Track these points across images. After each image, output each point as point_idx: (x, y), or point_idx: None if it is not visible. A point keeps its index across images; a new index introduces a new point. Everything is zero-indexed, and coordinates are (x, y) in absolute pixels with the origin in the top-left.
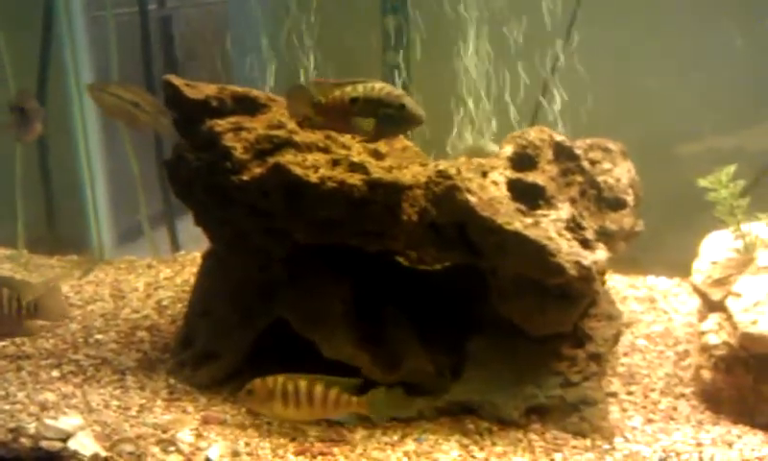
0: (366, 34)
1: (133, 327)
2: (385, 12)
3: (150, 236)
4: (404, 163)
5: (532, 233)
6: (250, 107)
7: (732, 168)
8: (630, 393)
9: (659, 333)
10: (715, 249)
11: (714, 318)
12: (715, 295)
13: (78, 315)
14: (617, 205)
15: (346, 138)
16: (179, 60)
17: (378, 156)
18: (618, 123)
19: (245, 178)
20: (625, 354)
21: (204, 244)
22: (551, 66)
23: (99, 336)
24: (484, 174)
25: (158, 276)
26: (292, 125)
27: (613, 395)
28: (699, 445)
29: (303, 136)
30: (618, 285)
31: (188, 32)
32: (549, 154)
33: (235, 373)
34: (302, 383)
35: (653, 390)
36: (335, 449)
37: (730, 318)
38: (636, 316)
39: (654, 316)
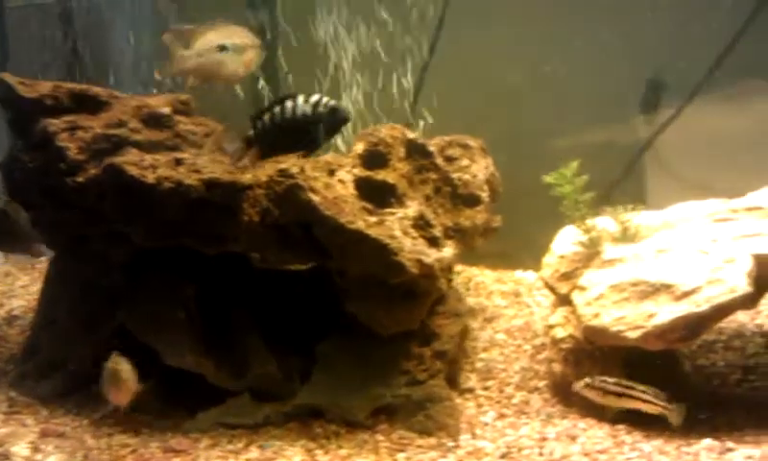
0: None
1: None
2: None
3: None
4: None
5: (374, 232)
6: (90, 105)
7: (575, 164)
8: (486, 388)
9: (518, 327)
10: (564, 243)
11: (561, 311)
12: (562, 289)
13: None
14: (472, 201)
15: (197, 137)
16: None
17: None
18: (489, 119)
19: (80, 179)
20: (484, 349)
21: None
22: (422, 65)
23: None
24: (331, 172)
25: (14, 284)
26: (134, 123)
27: (470, 390)
28: (543, 439)
29: (148, 135)
30: (487, 280)
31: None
32: (401, 151)
33: (79, 383)
34: None
35: (508, 384)
36: (175, 460)
37: (575, 311)
38: (499, 311)
39: (516, 310)
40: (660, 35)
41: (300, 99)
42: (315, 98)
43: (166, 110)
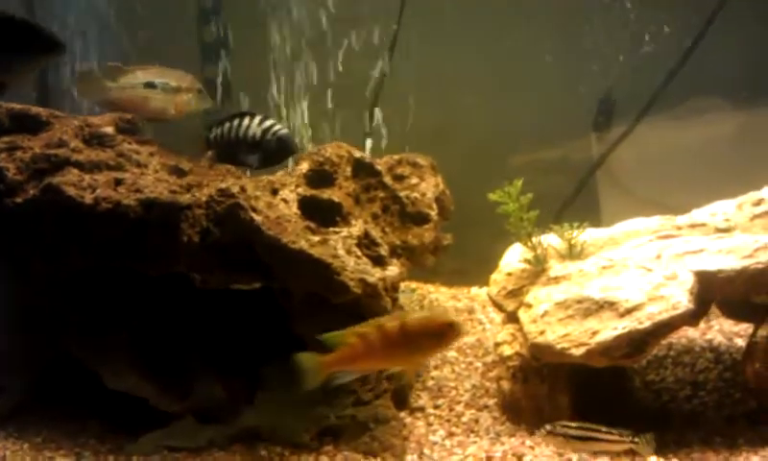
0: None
1: None
2: (203, 24)
3: None
4: (206, 181)
5: (316, 252)
6: (30, 125)
7: (519, 182)
8: (437, 406)
9: (470, 345)
10: (512, 260)
11: (508, 329)
12: (509, 306)
13: None
14: (420, 219)
15: (141, 156)
16: None
17: (180, 173)
18: (444, 137)
19: (18, 200)
20: (435, 367)
21: None
22: (377, 81)
23: None
24: (274, 191)
25: None
26: (75, 143)
27: (421, 409)
28: (490, 458)
29: (89, 155)
30: (442, 297)
31: None
32: (348, 170)
33: (21, 407)
34: None
35: (458, 402)
36: None
37: (521, 328)
38: None
39: (468, 327)
40: (612, 53)
41: (256, 120)
42: (268, 123)
43: (109, 130)
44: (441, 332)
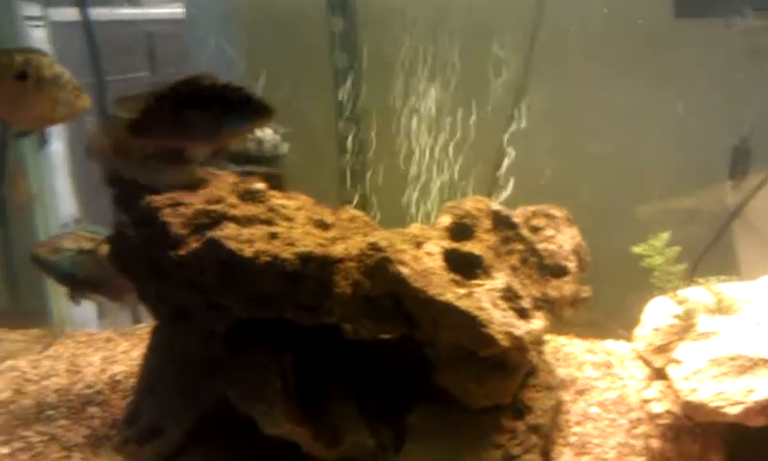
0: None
1: (85, 402)
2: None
3: (111, 308)
4: (348, 234)
5: (463, 304)
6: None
7: (665, 235)
8: None
9: (612, 400)
10: (657, 315)
11: (657, 386)
12: (657, 362)
13: (33, 390)
14: (559, 271)
15: (289, 210)
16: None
17: (324, 226)
18: (576, 185)
19: (182, 253)
20: (577, 423)
21: None
22: (504, 129)
23: (50, 412)
24: (419, 245)
25: (116, 349)
26: (232, 199)
27: None
28: None
29: (244, 210)
30: (576, 350)
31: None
32: (487, 223)
33: (179, 450)
34: None
35: (604, 460)
36: None
37: (671, 386)
38: (591, 383)
39: (609, 382)
40: (748, 98)
41: None
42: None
43: (261, 186)
44: None
